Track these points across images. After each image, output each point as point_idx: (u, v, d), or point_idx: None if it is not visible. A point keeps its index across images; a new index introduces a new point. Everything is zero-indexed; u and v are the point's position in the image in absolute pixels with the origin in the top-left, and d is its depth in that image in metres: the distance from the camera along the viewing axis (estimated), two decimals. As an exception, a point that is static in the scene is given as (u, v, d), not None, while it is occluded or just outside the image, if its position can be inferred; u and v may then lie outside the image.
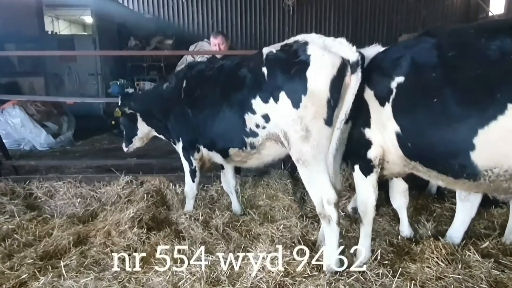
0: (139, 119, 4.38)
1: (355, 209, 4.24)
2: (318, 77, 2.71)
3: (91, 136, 9.67)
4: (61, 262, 3.10)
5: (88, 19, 14.21)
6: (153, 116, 4.25)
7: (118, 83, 10.93)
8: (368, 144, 2.87)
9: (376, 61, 2.81)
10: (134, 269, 3.04)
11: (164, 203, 4.52)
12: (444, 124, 2.37)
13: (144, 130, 4.44)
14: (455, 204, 3.69)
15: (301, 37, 2.94)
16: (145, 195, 4.44)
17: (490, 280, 2.76)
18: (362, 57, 2.73)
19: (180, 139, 3.94)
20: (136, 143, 4.56)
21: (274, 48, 3.03)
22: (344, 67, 2.70)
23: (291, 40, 3.00)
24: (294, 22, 14.29)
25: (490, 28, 2.40)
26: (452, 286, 2.68)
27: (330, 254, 2.94)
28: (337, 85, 2.70)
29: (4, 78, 10.22)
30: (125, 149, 4.61)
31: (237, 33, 14.24)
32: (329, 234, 2.93)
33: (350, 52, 2.73)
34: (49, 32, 12.43)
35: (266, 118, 3.07)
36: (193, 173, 4.03)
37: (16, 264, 3.11)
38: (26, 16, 10.87)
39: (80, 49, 11.00)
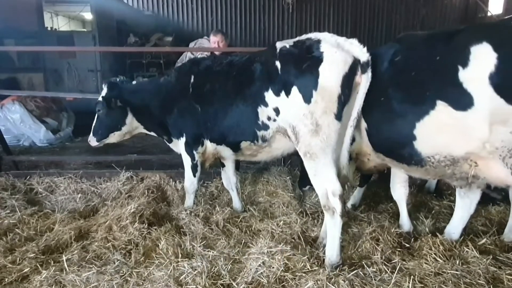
0: (129, 114, 4.11)
1: (354, 206, 4.28)
2: (330, 74, 2.80)
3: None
4: (63, 256, 3.12)
5: (88, 16, 14.14)
6: (147, 112, 4.05)
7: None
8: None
9: None
10: (136, 264, 3.07)
11: (164, 199, 4.54)
12: (394, 119, 2.77)
13: (133, 125, 4.17)
14: (453, 201, 3.74)
15: (313, 35, 3.02)
16: (145, 191, 4.47)
17: (488, 276, 2.79)
18: (373, 58, 2.82)
19: (184, 134, 3.91)
20: (112, 138, 4.21)
21: (287, 43, 3.10)
22: (355, 66, 2.81)
23: (304, 37, 3.07)
24: (293, 20, 14.29)
25: (437, 35, 2.69)
26: (450, 281, 2.72)
27: (332, 247, 2.98)
28: (348, 82, 2.81)
29: (3, 73, 10.20)
30: (94, 144, 4.24)
31: (236, 31, 14.24)
32: (332, 227, 2.97)
33: (361, 53, 2.83)
34: (49, 28, 12.40)
35: (277, 111, 3.15)
36: (194, 168, 4.02)
37: (18, 258, 3.14)
38: (26, 12, 10.84)
39: (80, 46, 10.96)
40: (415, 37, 2.91)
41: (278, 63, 3.04)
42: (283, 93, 3.02)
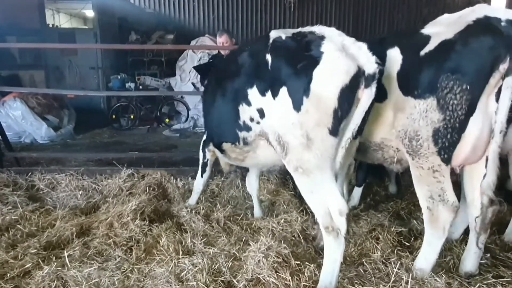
0: None
1: (354, 207, 4.29)
2: (327, 82, 2.36)
3: (91, 129, 9.70)
4: (65, 252, 3.13)
5: (89, 13, 14.15)
6: None
7: (119, 77, 10.94)
8: None
9: None
10: (137, 260, 3.09)
11: (165, 197, 4.55)
12: None
13: None
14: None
15: (318, 29, 2.57)
16: (146, 188, 4.47)
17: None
18: (381, 70, 2.39)
19: (205, 131, 3.89)
20: None
21: (284, 33, 2.64)
22: (358, 77, 2.35)
23: (306, 29, 2.62)
24: (295, 18, 14.26)
25: (376, 40, 2.92)
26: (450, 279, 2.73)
27: (330, 272, 2.58)
28: (347, 95, 2.36)
29: (5, 70, 10.22)
30: None
31: (238, 29, 14.22)
32: (335, 250, 2.54)
33: (368, 62, 2.37)
34: (50, 26, 12.40)
35: (261, 113, 2.72)
36: (203, 167, 3.98)
37: (20, 254, 3.14)
38: (27, 9, 10.84)
39: (81, 43, 10.97)
40: (373, 39, 3.13)
41: (268, 56, 2.58)
42: (269, 93, 2.58)
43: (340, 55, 2.37)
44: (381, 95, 2.62)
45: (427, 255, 2.79)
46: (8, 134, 6.49)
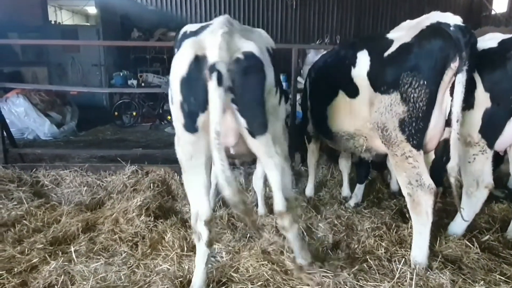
0: None
1: (357, 204, 4.31)
2: (173, 73, 2.28)
3: (94, 126, 9.71)
4: (71, 247, 3.16)
5: (92, 10, 14.18)
6: None
7: (121, 74, 10.95)
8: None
9: None
10: (143, 256, 3.11)
11: (169, 193, 4.57)
12: (320, 104, 3.64)
13: None
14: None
15: (216, 18, 2.43)
16: (151, 184, 4.50)
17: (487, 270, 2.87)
18: (239, 60, 2.13)
19: None
20: None
21: (190, 28, 2.62)
22: (198, 67, 2.12)
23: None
24: (297, 17, 14.25)
25: (350, 43, 3.49)
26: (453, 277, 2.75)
27: (195, 274, 2.64)
28: (190, 87, 2.18)
29: (7, 67, 10.23)
30: None
31: (240, 27, 14.24)
32: (198, 252, 2.57)
33: (211, 52, 2.09)
34: (53, 22, 12.42)
35: None
36: None
37: (26, 249, 3.18)
38: (30, 5, 10.87)
39: (84, 40, 10.98)
40: (346, 42, 3.55)
41: (175, 51, 2.57)
42: None
43: (187, 44, 2.20)
44: (353, 92, 3.10)
45: (420, 245, 2.91)
46: (11, 130, 6.51)
